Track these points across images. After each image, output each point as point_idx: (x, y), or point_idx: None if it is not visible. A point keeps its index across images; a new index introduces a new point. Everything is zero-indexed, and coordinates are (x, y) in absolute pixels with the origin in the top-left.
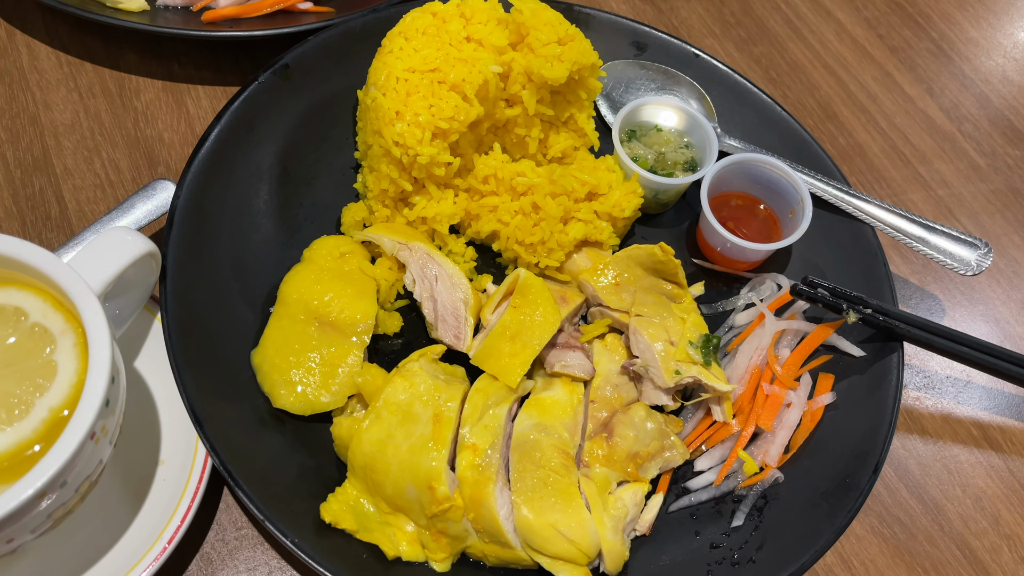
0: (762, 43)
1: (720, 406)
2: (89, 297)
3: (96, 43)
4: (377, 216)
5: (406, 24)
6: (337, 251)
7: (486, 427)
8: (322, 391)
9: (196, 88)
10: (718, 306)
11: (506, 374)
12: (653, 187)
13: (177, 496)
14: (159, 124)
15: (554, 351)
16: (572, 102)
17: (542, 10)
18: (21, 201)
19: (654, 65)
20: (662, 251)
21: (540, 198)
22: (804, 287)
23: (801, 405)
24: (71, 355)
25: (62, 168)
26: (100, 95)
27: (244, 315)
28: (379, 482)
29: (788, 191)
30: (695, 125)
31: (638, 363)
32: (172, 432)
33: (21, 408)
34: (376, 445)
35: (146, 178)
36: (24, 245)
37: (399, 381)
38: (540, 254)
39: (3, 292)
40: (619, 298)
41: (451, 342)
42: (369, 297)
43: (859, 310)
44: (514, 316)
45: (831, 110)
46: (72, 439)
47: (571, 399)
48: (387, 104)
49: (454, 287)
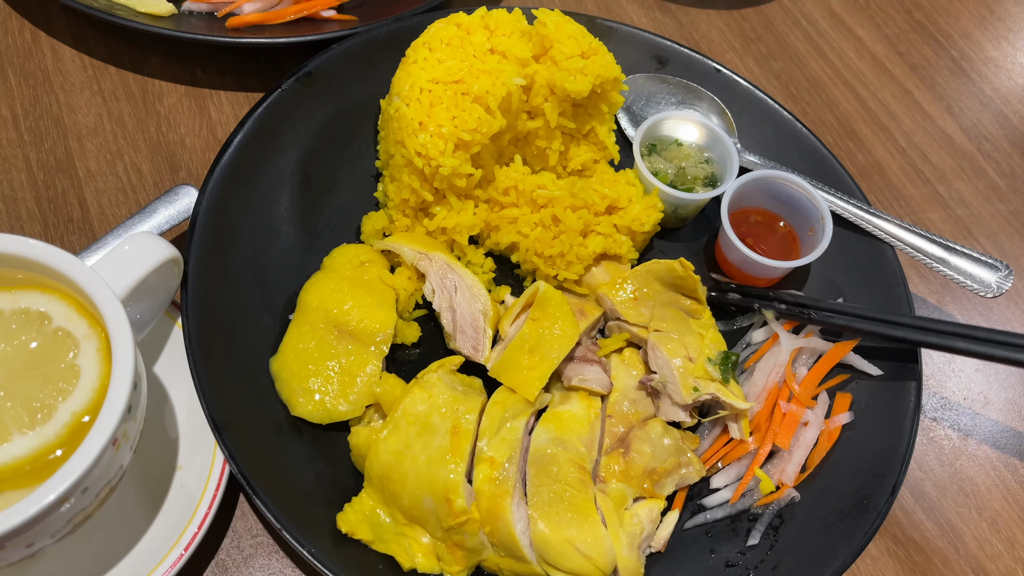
0: (782, 58)
1: (737, 423)
2: (113, 302)
3: (121, 46)
4: (397, 225)
5: (430, 35)
6: (357, 260)
7: (504, 440)
8: (340, 400)
9: (219, 93)
10: (735, 322)
11: (524, 387)
12: (673, 202)
13: (194, 502)
14: (181, 129)
15: (572, 364)
16: (593, 115)
17: (566, 23)
18: (43, 203)
19: (675, 79)
20: (682, 267)
21: (560, 211)
22: (713, 292)
23: (818, 424)
24: (94, 360)
25: (85, 171)
26: (124, 99)
27: (263, 321)
28: (396, 493)
29: (809, 209)
30: (715, 140)
31: (656, 379)
32: (190, 438)
33: (44, 412)
34: (394, 456)
35: (168, 183)
36: (49, 249)
37: (418, 392)
38: (559, 267)
39: (27, 296)
40: (638, 312)
41: (469, 353)
42: (388, 307)
43: (772, 306)
44: (533, 329)
45: (850, 127)
46: (94, 445)
47: (588, 413)
48: (410, 114)
49: (473, 298)
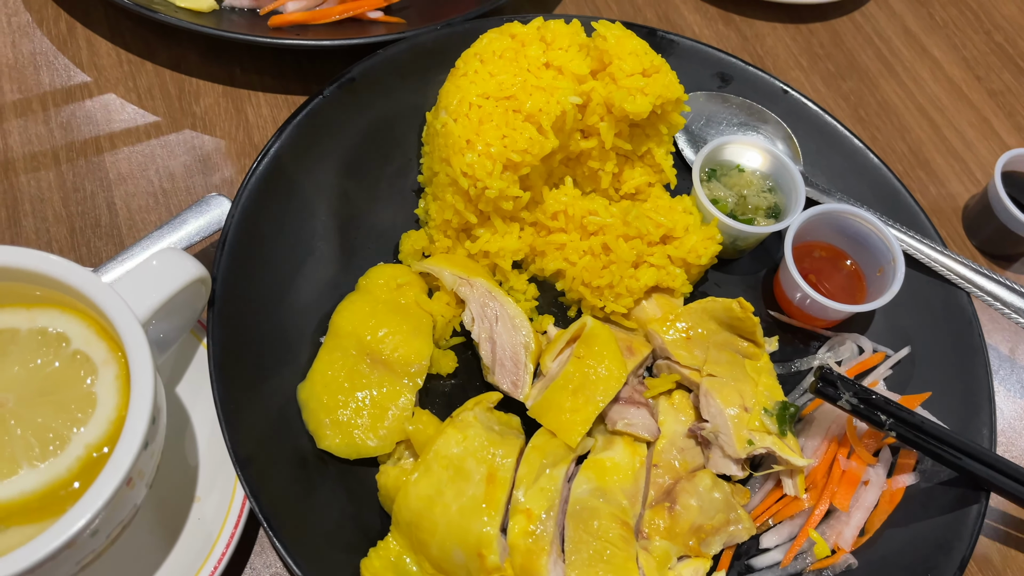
0: (852, 78)
1: (792, 479)
2: (135, 329)
3: (158, 41)
4: (437, 246)
5: (482, 45)
6: (394, 282)
7: (542, 490)
8: (370, 435)
9: (257, 95)
10: (792, 365)
11: (566, 432)
12: (732, 233)
13: (212, 538)
14: (217, 131)
15: (616, 406)
16: (651, 136)
17: (627, 38)
18: (71, 205)
19: (739, 99)
20: (740, 307)
21: (612, 239)
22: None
23: (880, 484)
24: (112, 388)
25: (115, 173)
26: (159, 97)
27: (293, 343)
28: (424, 541)
29: (879, 248)
30: (781, 169)
31: (708, 428)
32: (210, 466)
33: (56, 443)
34: (424, 501)
35: (200, 188)
36: (71, 267)
37: (452, 433)
38: (607, 298)
39: (46, 315)
40: (690, 354)
41: (508, 389)
42: (425, 335)
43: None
44: (577, 367)
45: (923, 156)
46: (107, 485)
47: (632, 462)
48: (458, 131)
49: (515, 329)
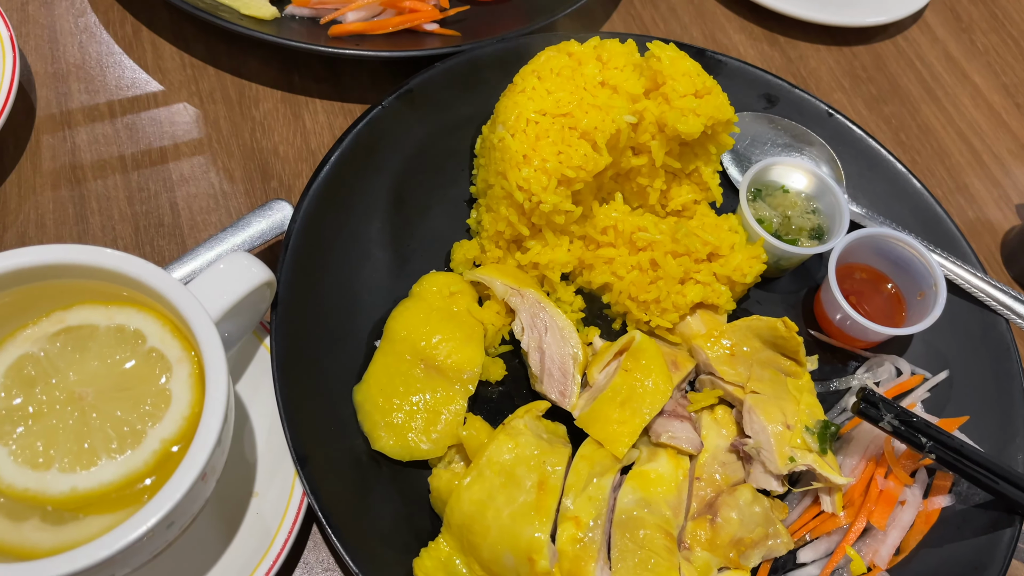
0: (893, 102)
1: (831, 497)
2: (211, 330)
3: (220, 46)
4: (489, 256)
5: (540, 63)
6: (447, 289)
7: (590, 498)
8: (423, 438)
9: (314, 102)
10: (831, 384)
11: (613, 442)
12: (777, 253)
13: (271, 533)
14: (275, 136)
15: (661, 419)
16: (699, 155)
17: (681, 59)
18: (136, 205)
19: (784, 120)
20: (785, 326)
21: (660, 255)
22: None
23: (916, 504)
24: (186, 385)
25: (178, 175)
26: (220, 101)
27: (349, 347)
28: (476, 544)
29: (921, 273)
30: (825, 190)
31: (750, 443)
32: (268, 463)
33: (133, 437)
34: (476, 505)
35: (259, 191)
36: (150, 268)
37: (504, 440)
38: (653, 313)
39: (123, 312)
40: (734, 370)
41: (556, 399)
42: (477, 343)
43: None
44: (625, 380)
45: (962, 180)
46: (184, 480)
47: (676, 474)
48: (515, 146)
49: (564, 340)
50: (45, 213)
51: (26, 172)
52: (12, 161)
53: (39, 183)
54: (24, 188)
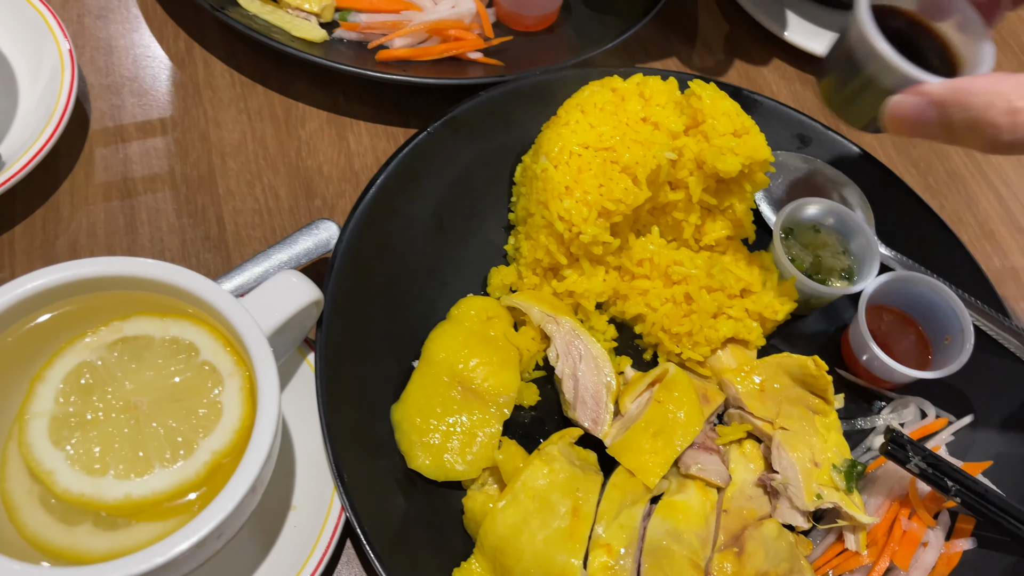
0: (921, 146)
1: (855, 535)
2: (264, 346)
3: (269, 66)
4: (526, 283)
5: (584, 97)
6: (484, 314)
7: (621, 526)
8: (458, 459)
9: (358, 123)
10: (856, 423)
11: (645, 472)
12: (808, 292)
13: (308, 547)
14: (320, 156)
15: (690, 451)
16: (735, 192)
17: (720, 99)
18: (184, 217)
19: (816, 161)
20: (815, 365)
21: (695, 290)
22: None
23: (938, 546)
24: (237, 399)
25: (225, 189)
26: (268, 119)
27: (388, 367)
28: (509, 567)
29: (949, 318)
30: (856, 232)
31: (778, 479)
32: (305, 476)
33: (185, 448)
34: (510, 529)
35: (303, 209)
36: (208, 284)
37: (539, 465)
38: (685, 345)
39: (178, 325)
40: (763, 406)
41: (588, 426)
42: (513, 368)
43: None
44: (658, 411)
45: (988, 227)
46: (236, 492)
47: (704, 506)
48: (558, 177)
49: (598, 369)
50: (96, 222)
51: (79, 182)
52: (66, 170)
53: (91, 193)
54: (76, 197)
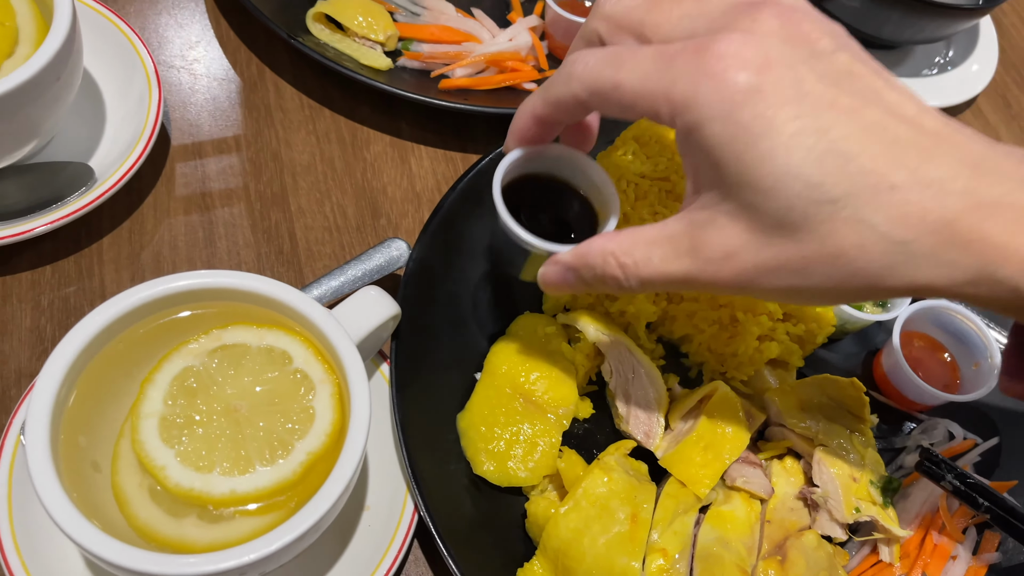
0: None
1: (889, 548)
2: (355, 355)
3: (335, 91)
4: (580, 302)
5: (641, 128)
6: (542, 330)
7: (675, 533)
8: (521, 466)
9: (419, 148)
10: (887, 442)
11: (696, 483)
12: (844, 317)
13: (383, 546)
14: (384, 177)
15: (735, 465)
16: None
17: None
18: (258, 233)
19: None
20: (854, 387)
21: (741, 313)
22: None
23: (967, 560)
24: (328, 405)
25: (296, 206)
26: (335, 141)
27: (454, 378)
28: (571, 568)
29: (977, 345)
30: None
31: (818, 492)
32: (378, 478)
33: (283, 449)
34: (572, 533)
35: (369, 226)
36: (302, 297)
37: (599, 473)
38: (730, 365)
39: (272, 334)
40: (803, 423)
41: (641, 439)
42: (571, 382)
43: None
44: (708, 427)
45: None
46: (334, 489)
47: (749, 516)
48: None
49: (650, 385)
50: (178, 235)
51: (161, 197)
52: (149, 186)
53: (173, 207)
54: (159, 211)
